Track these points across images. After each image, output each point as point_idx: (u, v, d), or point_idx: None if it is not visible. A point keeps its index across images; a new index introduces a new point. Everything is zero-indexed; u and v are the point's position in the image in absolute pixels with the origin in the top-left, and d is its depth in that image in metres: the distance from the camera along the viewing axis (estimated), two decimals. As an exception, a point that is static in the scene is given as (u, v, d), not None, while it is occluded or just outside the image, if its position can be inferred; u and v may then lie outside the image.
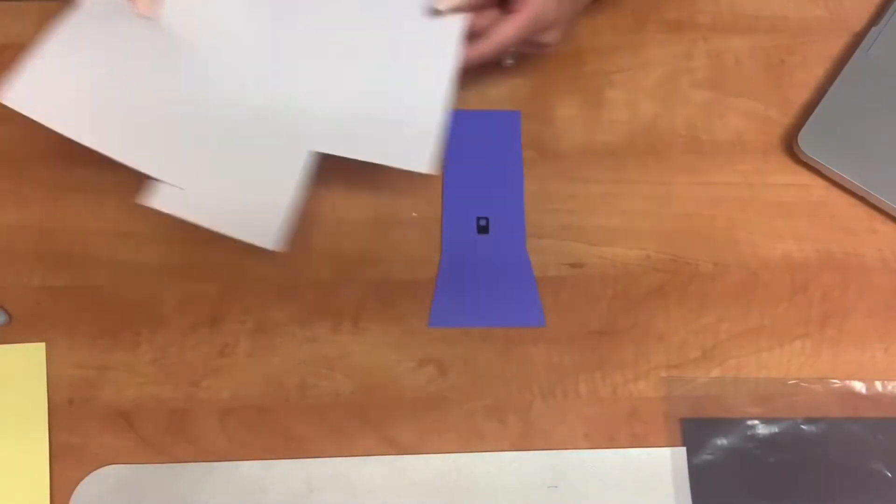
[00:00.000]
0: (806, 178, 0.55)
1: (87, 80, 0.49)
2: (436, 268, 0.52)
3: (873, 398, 0.50)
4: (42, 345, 0.50)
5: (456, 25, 0.50)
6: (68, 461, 0.48)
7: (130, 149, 0.48)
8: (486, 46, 0.49)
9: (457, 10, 0.49)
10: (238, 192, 0.49)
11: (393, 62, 0.51)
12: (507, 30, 0.49)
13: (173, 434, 0.49)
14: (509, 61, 0.54)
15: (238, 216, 0.48)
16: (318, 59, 0.51)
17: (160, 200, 0.48)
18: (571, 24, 0.53)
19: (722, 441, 0.49)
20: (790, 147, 0.55)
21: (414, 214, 0.54)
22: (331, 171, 0.54)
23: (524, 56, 0.55)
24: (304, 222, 0.53)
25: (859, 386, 0.50)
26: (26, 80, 0.47)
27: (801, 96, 0.57)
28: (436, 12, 0.49)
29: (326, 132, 0.50)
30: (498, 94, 0.56)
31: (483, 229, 0.53)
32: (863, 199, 0.54)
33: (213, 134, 0.50)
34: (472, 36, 0.50)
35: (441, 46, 0.50)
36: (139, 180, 0.53)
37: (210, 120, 0.50)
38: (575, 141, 0.55)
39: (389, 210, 0.54)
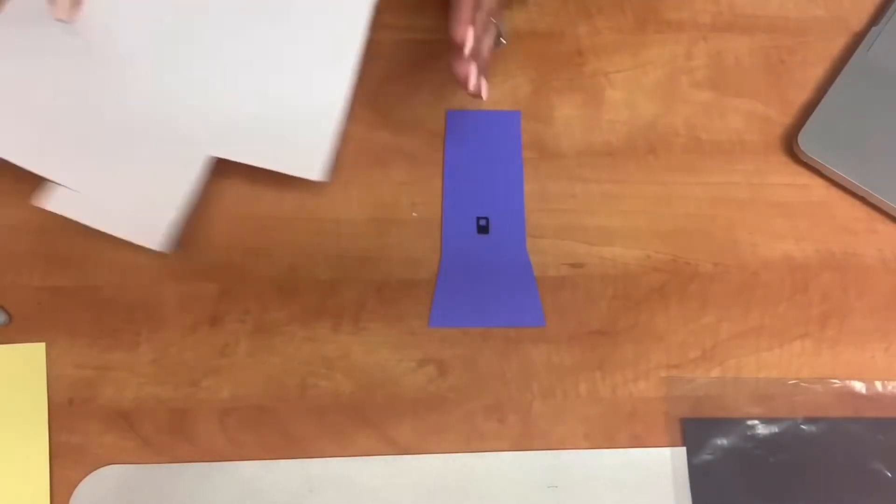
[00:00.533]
0: (806, 178, 0.55)
1: None
2: (436, 268, 0.52)
3: (873, 398, 0.50)
4: (42, 345, 0.50)
5: (356, 36, 0.52)
6: (68, 461, 0.48)
7: (26, 151, 0.50)
8: (463, 4, 0.46)
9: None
10: (130, 195, 0.51)
11: (291, 68, 0.53)
12: None
13: (173, 434, 0.49)
14: (502, 40, 0.53)
15: (128, 218, 0.50)
16: (219, 64, 0.53)
17: (54, 203, 0.50)
18: None
19: (722, 441, 0.49)
20: (790, 147, 0.55)
21: (414, 214, 0.54)
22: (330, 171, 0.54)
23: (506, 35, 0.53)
24: (303, 222, 0.53)
25: (859, 386, 0.50)
26: None
27: (801, 96, 0.57)
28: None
29: (222, 137, 0.52)
30: (498, 94, 0.56)
31: (483, 229, 0.53)
32: (863, 199, 0.54)
33: (111, 136, 0.51)
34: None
35: (341, 55, 0.53)
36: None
37: (108, 122, 0.52)
38: (575, 141, 0.55)
39: (389, 210, 0.54)
